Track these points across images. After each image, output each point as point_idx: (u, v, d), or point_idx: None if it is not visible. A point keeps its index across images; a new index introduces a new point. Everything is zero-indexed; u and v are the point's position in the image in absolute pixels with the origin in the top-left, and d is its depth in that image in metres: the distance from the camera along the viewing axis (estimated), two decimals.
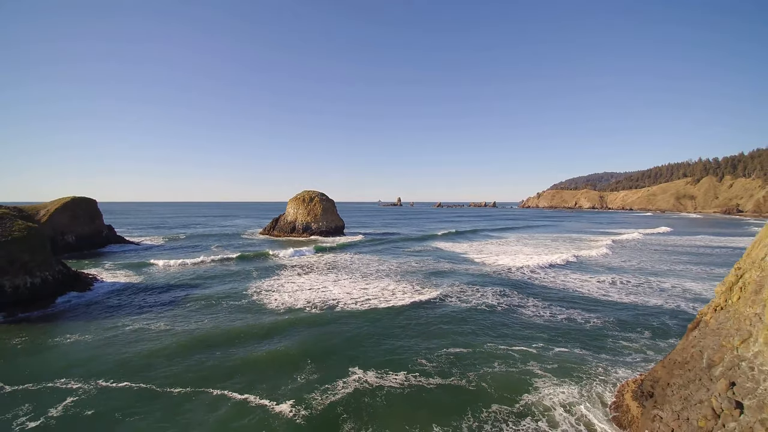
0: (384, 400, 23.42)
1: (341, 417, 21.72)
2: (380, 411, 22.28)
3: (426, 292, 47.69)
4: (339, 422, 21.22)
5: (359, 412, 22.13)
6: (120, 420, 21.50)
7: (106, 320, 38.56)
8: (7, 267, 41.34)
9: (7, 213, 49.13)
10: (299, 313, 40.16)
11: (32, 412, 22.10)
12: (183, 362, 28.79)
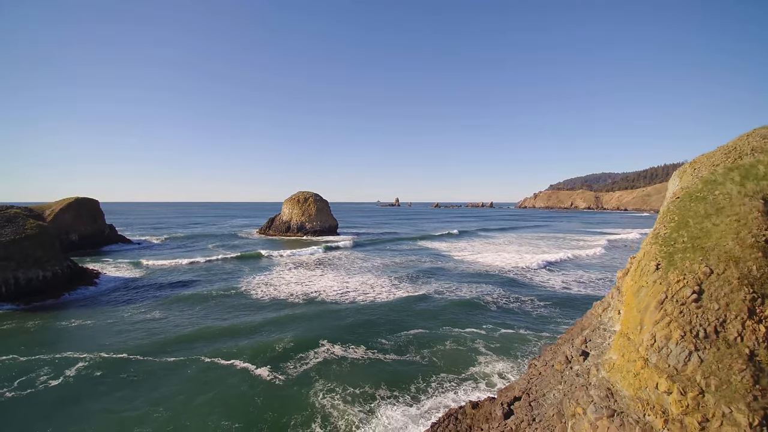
0: (348, 367, 28.17)
1: (312, 377, 26.47)
2: (345, 374, 26.95)
3: (402, 287, 52.37)
4: (310, 380, 25.96)
5: (328, 375, 26.80)
6: (125, 379, 26.31)
7: (108, 309, 43.16)
8: (22, 261, 45.97)
9: (19, 213, 53.76)
10: (282, 303, 44.90)
11: (51, 373, 26.93)
12: (176, 339, 33.55)
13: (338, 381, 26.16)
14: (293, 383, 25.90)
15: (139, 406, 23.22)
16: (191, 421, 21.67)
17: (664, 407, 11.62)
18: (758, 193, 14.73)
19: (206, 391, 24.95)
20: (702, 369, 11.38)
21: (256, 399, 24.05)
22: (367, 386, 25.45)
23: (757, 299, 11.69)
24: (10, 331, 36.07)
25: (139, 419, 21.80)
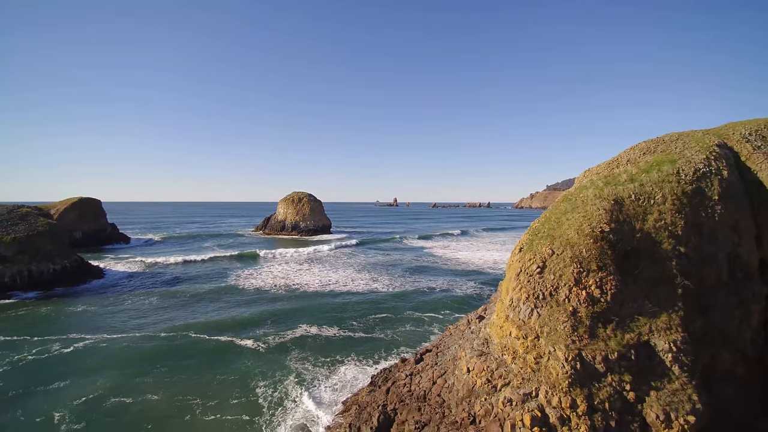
0: (322, 342, 33.01)
1: (289, 348, 31.30)
2: (318, 349, 31.72)
3: (379, 280, 57.13)
4: (287, 350, 30.76)
5: (303, 350, 31.54)
6: (125, 347, 31.20)
7: (112, 298, 47.86)
8: (35, 255, 50.72)
9: (31, 212, 58.50)
10: (266, 293, 49.79)
11: (63, 347, 31.78)
12: (172, 321, 38.32)
13: (312, 351, 31.06)
14: (274, 351, 30.74)
15: (138, 366, 28.13)
16: (185, 374, 26.52)
17: (515, 348, 16.38)
18: (611, 196, 19.49)
19: (197, 355, 29.96)
20: (539, 321, 16.13)
21: (244, 360, 29.05)
22: (337, 356, 30.29)
23: (583, 272, 16.44)
24: (25, 316, 40.80)
25: (141, 374, 26.58)
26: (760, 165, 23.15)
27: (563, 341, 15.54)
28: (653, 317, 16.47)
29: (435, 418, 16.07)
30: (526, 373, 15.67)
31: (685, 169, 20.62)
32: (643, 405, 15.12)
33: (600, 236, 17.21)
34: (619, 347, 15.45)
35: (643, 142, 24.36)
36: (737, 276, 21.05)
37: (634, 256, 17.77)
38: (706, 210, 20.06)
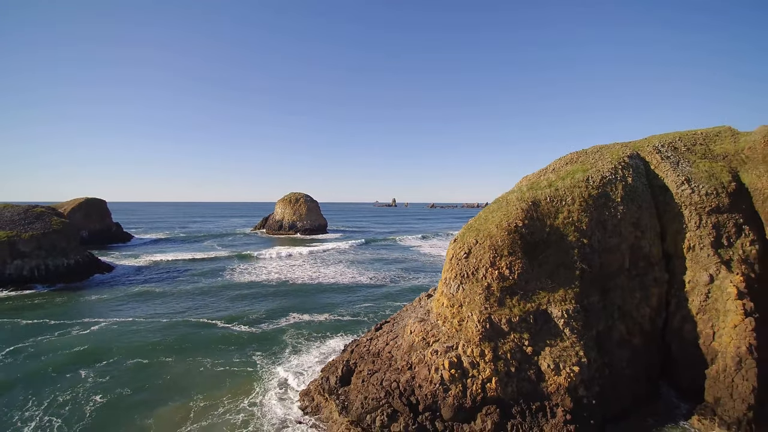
0: (313, 326, 37.80)
1: (284, 329, 36.18)
2: (310, 329, 36.55)
3: (365, 274, 62.11)
4: (283, 331, 35.61)
5: (296, 330, 36.36)
6: (135, 330, 36.04)
7: (119, 289, 52.72)
8: (51, 251, 55.62)
9: (45, 211, 63.40)
10: (262, 286, 54.71)
11: (81, 329, 36.61)
12: (176, 309, 43.21)
13: (304, 330, 36.11)
14: (272, 333, 35.56)
15: (149, 340, 33.13)
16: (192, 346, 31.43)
17: (445, 315, 21.29)
18: (531, 198, 24.40)
19: (201, 334, 34.94)
20: (463, 293, 21.05)
21: (243, 338, 34.09)
22: (327, 333, 35.37)
23: (497, 257, 21.36)
24: (45, 304, 45.67)
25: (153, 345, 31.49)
26: (666, 172, 28.15)
27: (478, 308, 20.47)
28: (552, 292, 21.41)
29: (383, 367, 20.98)
30: (451, 333, 20.59)
31: (594, 176, 25.56)
32: (539, 357, 20.06)
33: (514, 230, 22.12)
34: (521, 313, 20.37)
35: (569, 154, 29.32)
36: (639, 264, 26.01)
37: (542, 246, 22.69)
38: (610, 210, 25.00)
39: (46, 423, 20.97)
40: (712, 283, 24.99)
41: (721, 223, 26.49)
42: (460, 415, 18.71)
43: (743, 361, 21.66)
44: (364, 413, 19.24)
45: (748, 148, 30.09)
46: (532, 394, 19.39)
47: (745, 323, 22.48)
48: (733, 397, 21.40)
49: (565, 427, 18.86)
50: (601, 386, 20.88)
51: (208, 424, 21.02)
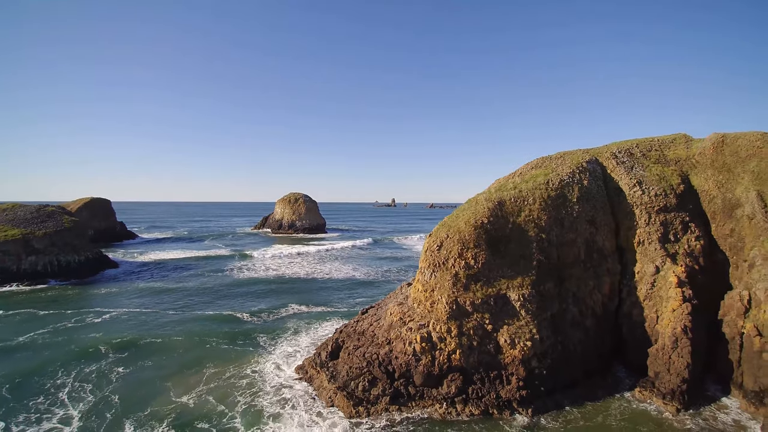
0: (310, 315, 41.17)
1: (287, 318, 39.60)
2: (307, 318, 39.95)
3: (360, 270, 65.63)
4: (286, 323, 38.99)
5: (295, 319, 39.78)
6: (144, 320, 39.44)
7: (127, 284, 56.16)
8: (63, 248, 59.06)
9: (56, 210, 66.88)
10: (260, 281, 58.27)
11: (95, 317, 40.06)
12: (181, 301, 46.68)
13: (302, 319, 39.54)
14: (271, 322, 38.98)
15: (158, 325, 36.68)
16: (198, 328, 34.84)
17: (420, 299, 24.76)
18: (497, 199, 27.85)
19: (205, 321, 38.34)
20: (435, 280, 24.51)
21: (245, 324, 37.55)
22: (322, 321, 38.85)
23: (464, 249, 24.82)
24: (59, 297, 49.11)
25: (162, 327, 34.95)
26: (621, 176, 31.67)
27: (447, 292, 23.93)
28: (511, 279, 24.89)
29: (366, 343, 24.45)
30: (424, 313, 24.06)
31: (554, 179, 29.04)
32: (497, 333, 23.54)
33: (480, 226, 25.57)
34: (483, 296, 23.84)
35: (536, 159, 32.81)
36: (594, 256, 29.51)
37: (505, 240, 26.15)
38: (567, 208, 28.48)
39: (78, 387, 24.47)
40: (658, 273, 28.48)
41: (669, 220, 29.98)
42: (429, 381, 22.18)
43: (679, 341, 25.08)
44: (349, 380, 22.71)
45: (698, 154, 33.61)
46: (491, 364, 22.86)
47: (683, 308, 25.94)
48: (670, 372, 24.82)
49: (518, 392, 22.33)
50: (554, 360, 24.33)
51: (216, 385, 24.70)
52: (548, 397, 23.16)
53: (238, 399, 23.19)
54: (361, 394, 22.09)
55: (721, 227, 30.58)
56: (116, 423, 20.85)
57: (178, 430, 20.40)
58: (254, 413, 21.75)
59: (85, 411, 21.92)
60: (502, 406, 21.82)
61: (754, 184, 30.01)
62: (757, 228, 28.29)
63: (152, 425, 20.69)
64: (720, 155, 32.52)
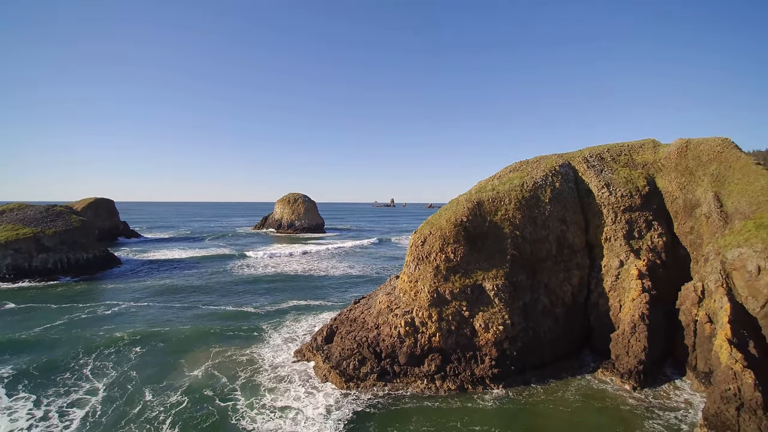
0: (308, 308, 44.09)
1: (286, 311, 42.46)
2: (305, 310, 42.88)
3: (356, 267, 68.57)
4: (286, 315, 41.83)
5: (294, 310, 42.68)
6: (149, 309, 42.33)
7: (133, 280, 59.06)
8: (72, 246, 61.87)
9: (64, 210, 69.68)
10: (260, 277, 61.20)
11: (105, 309, 42.96)
12: (185, 295, 49.58)
13: (300, 310, 42.50)
14: (271, 314, 41.81)
15: (165, 317, 39.47)
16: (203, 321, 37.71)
17: (405, 289, 27.67)
18: (476, 199, 30.77)
19: (209, 315, 41.14)
20: (418, 272, 27.44)
21: (247, 316, 40.46)
22: (319, 312, 41.77)
23: (444, 244, 27.74)
24: (70, 292, 51.93)
25: (170, 319, 37.83)
26: (591, 178, 34.62)
27: (429, 282, 26.85)
28: (487, 271, 27.81)
29: (357, 328, 27.37)
30: (409, 301, 26.98)
31: (528, 182, 31.99)
32: (473, 319, 26.47)
33: (459, 224, 28.50)
34: (461, 286, 26.76)
35: (514, 163, 35.78)
36: (565, 252, 32.46)
37: (482, 236, 29.08)
38: (539, 208, 31.42)
39: (99, 366, 27.45)
40: (622, 267, 31.45)
41: (633, 219, 32.95)
42: (412, 361, 25.09)
43: (637, 326, 28.02)
44: (341, 360, 25.63)
45: (664, 158, 36.57)
46: (467, 345, 25.77)
47: (641, 297, 28.88)
48: (629, 354, 27.75)
49: (490, 371, 25.25)
50: (524, 343, 27.25)
51: (220, 362, 28.17)
52: (518, 375, 26.09)
53: (240, 374, 26.46)
54: (352, 372, 24.99)
55: (683, 225, 33.56)
56: (137, 392, 23.90)
57: (189, 396, 23.53)
58: (253, 386, 24.88)
59: (108, 384, 24.97)
60: (476, 382, 24.73)
61: (713, 186, 32.99)
62: (712, 226, 31.27)
63: (168, 393, 23.80)
64: (683, 159, 35.48)
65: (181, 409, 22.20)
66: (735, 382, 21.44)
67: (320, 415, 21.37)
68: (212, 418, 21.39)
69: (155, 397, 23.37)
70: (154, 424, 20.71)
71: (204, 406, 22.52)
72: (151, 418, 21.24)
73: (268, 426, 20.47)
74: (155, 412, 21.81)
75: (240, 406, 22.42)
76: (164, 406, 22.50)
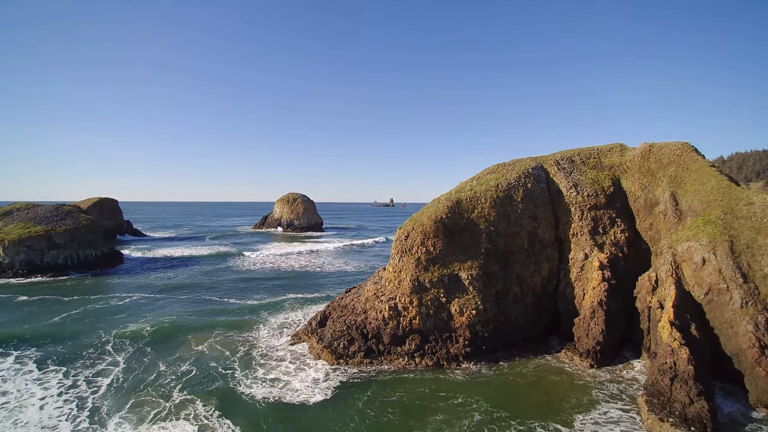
0: (305, 299, 47.53)
1: (284, 302, 45.86)
2: (302, 301, 46.31)
3: (351, 263, 72.07)
4: (283, 305, 45.19)
5: (292, 301, 46.10)
6: (156, 300, 45.75)
7: (139, 274, 62.56)
8: (81, 243, 65.24)
9: (72, 209, 73.01)
10: (261, 272, 64.71)
11: (118, 300, 46.44)
12: (189, 289, 53.06)
13: (298, 301, 45.93)
14: (270, 304, 45.23)
15: (173, 307, 42.93)
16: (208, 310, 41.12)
17: (390, 278, 31.11)
18: (455, 199, 34.19)
19: (213, 305, 44.62)
20: (402, 263, 30.88)
21: (248, 306, 43.90)
22: (315, 302, 45.15)
23: (425, 239, 31.19)
24: (80, 286, 55.29)
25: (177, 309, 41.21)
26: (561, 179, 38.06)
27: (411, 272, 30.28)
28: (463, 262, 31.25)
29: (347, 313, 30.81)
30: (393, 289, 30.40)
31: (502, 183, 35.43)
32: (450, 304, 29.91)
33: (439, 220, 31.93)
34: (439, 275, 30.19)
35: (492, 165, 39.24)
36: (536, 246, 35.89)
37: (460, 231, 32.50)
38: (512, 206, 34.85)
39: (118, 343, 31.26)
40: (587, 259, 34.91)
41: (598, 216, 36.41)
42: (394, 340, 28.52)
43: (596, 312, 31.45)
44: (333, 340, 29.05)
45: (629, 161, 40.03)
46: (444, 327, 29.21)
47: (601, 286, 32.32)
48: (588, 336, 31.16)
49: (464, 349, 28.69)
50: (496, 327, 30.68)
51: (223, 341, 32.20)
52: (489, 354, 29.50)
53: (239, 349, 30.42)
54: (341, 351, 28.42)
55: (644, 222, 37.01)
56: (152, 363, 27.78)
57: (196, 366, 27.61)
58: (249, 359, 28.65)
59: (127, 357, 28.82)
60: (450, 359, 28.17)
61: (670, 186, 36.44)
62: (668, 222, 34.74)
63: (178, 364, 27.75)
64: (646, 162, 38.94)
65: (189, 377, 25.92)
66: (672, 357, 24.86)
67: (312, 382, 24.97)
68: (215, 383, 25.03)
69: (167, 368, 27.26)
70: (168, 388, 24.37)
71: (209, 374, 26.30)
72: (164, 384, 24.98)
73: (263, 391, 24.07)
74: (168, 379, 25.56)
75: (238, 376, 26.17)
76: (175, 374, 26.32)
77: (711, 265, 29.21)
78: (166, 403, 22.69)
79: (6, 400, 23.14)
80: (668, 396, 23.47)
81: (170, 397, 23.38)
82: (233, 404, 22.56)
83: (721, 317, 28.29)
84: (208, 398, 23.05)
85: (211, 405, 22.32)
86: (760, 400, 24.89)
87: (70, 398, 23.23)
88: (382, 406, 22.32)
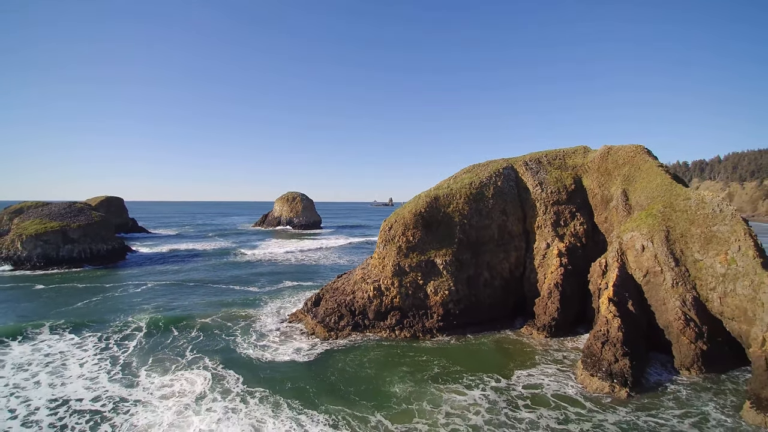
0: (301, 287, 52.42)
1: (283, 289, 50.75)
2: (299, 288, 51.20)
3: (345, 257, 77.14)
4: (281, 291, 50.00)
5: (290, 289, 51.00)
6: (166, 288, 50.66)
7: (147, 267, 67.44)
8: (94, 238, 70.07)
9: (84, 206, 77.77)
10: (261, 265, 69.66)
11: (133, 288, 51.27)
12: (195, 279, 57.91)
13: (295, 288, 50.78)
14: (270, 291, 50.18)
15: (182, 293, 47.80)
16: (213, 296, 45.94)
17: (375, 264, 36.06)
18: (434, 195, 39.08)
19: (217, 292, 49.52)
20: (385, 251, 35.85)
21: (249, 292, 48.77)
22: (311, 289, 49.67)
23: (406, 229, 36.15)
24: (94, 277, 60.09)
25: (186, 293, 46.10)
26: (528, 178, 43.01)
27: (393, 258, 35.21)
28: (438, 250, 36.18)
29: (338, 294, 35.76)
30: (377, 273, 35.34)
31: (476, 181, 40.36)
32: (426, 286, 34.85)
33: (418, 214, 36.85)
34: (417, 261, 35.12)
35: (468, 166, 44.14)
36: (505, 237, 40.85)
37: (436, 224, 37.42)
38: (484, 202, 39.77)
39: (138, 316, 36.69)
40: (548, 248, 39.87)
41: (560, 211, 41.35)
42: (378, 316, 33.47)
43: (552, 292, 36.38)
44: (325, 317, 33.99)
45: (590, 161, 44.99)
46: (420, 305, 34.16)
47: (558, 270, 37.27)
48: (545, 313, 36.08)
49: (437, 324, 33.65)
50: (466, 306, 35.60)
51: (227, 316, 37.52)
52: (459, 329, 34.42)
53: (240, 323, 35.74)
54: (332, 325, 33.36)
55: (600, 216, 41.98)
56: (166, 329, 33.80)
57: (203, 332, 33.42)
58: (248, 331, 33.93)
59: (145, 324, 34.66)
60: (425, 332, 33.11)
61: (623, 184, 41.38)
62: (619, 216, 39.70)
63: (188, 330, 33.61)
64: (604, 162, 43.88)
65: (198, 341, 31.67)
66: (606, 326, 29.79)
67: (303, 347, 30.24)
68: (219, 346, 30.62)
69: (180, 335, 33.10)
70: (182, 349, 30.02)
71: (213, 340, 31.88)
72: (179, 346, 30.73)
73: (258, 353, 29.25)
74: (181, 342, 31.39)
75: (238, 341, 31.68)
76: (186, 339, 32.06)
77: (649, 252, 34.15)
78: (182, 359, 28.05)
79: (51, 359, 28.03)
80: (599, 356, 28.35)
81: (184, 355, 28.83)
82: (234, 361, 27.83)
83: (656, 296, 33.24)
84: (214, 356, 28.44)
85: (216, 360, 27.67)
86: (683, 363, 29.86)
87: (105, 357, 28.36)
88: (360, 363, 27.39)
